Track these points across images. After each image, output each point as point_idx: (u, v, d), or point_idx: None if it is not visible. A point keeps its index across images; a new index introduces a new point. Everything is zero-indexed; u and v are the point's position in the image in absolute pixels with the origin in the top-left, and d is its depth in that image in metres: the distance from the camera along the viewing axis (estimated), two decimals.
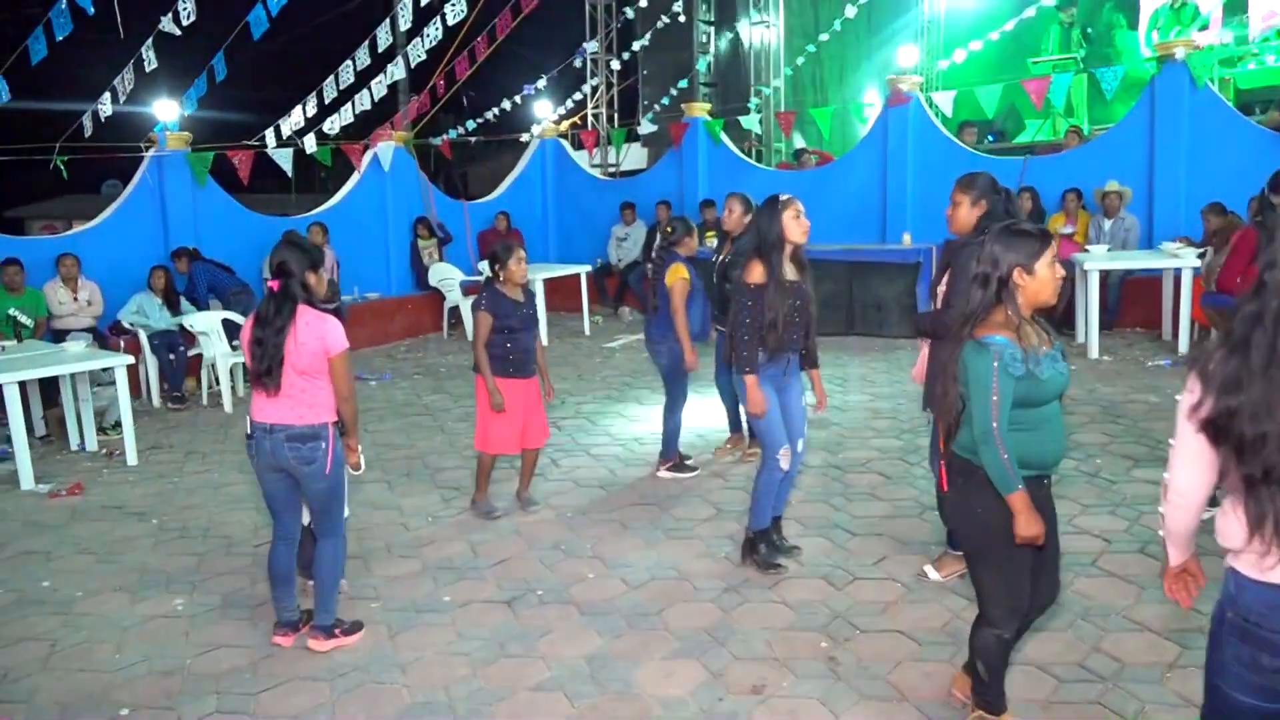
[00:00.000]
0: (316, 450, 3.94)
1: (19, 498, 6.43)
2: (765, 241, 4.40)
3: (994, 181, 4.22)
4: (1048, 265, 2.89)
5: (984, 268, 2.90)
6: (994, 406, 2.81)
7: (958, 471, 3.04)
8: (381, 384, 9.58)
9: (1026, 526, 2.87)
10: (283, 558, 4.18)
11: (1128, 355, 8.89)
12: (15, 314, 8.38)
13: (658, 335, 6.08)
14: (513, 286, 5.37)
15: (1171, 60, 10.06)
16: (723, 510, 5.56)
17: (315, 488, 4.01)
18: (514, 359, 5.37)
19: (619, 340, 11.29)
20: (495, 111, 13.87)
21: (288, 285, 3.91)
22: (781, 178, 13.12)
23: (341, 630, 4.15)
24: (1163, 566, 2.53)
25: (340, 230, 11.22)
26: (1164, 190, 10.21)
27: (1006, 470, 2.84)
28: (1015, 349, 2.83)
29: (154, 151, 10.27)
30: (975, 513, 2.99)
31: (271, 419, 3.95)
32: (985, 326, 2.87)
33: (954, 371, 2.94)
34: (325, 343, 3.90)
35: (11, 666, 4.10)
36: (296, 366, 3.89)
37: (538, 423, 5.57)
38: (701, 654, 3.92)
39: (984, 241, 3.94)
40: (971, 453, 2.94)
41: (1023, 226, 2.96)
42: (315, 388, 3.94)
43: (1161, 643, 3.79)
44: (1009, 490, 2.86)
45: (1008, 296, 2.87)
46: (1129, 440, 6.39)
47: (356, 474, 4.31)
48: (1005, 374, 2.81)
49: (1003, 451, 2.83)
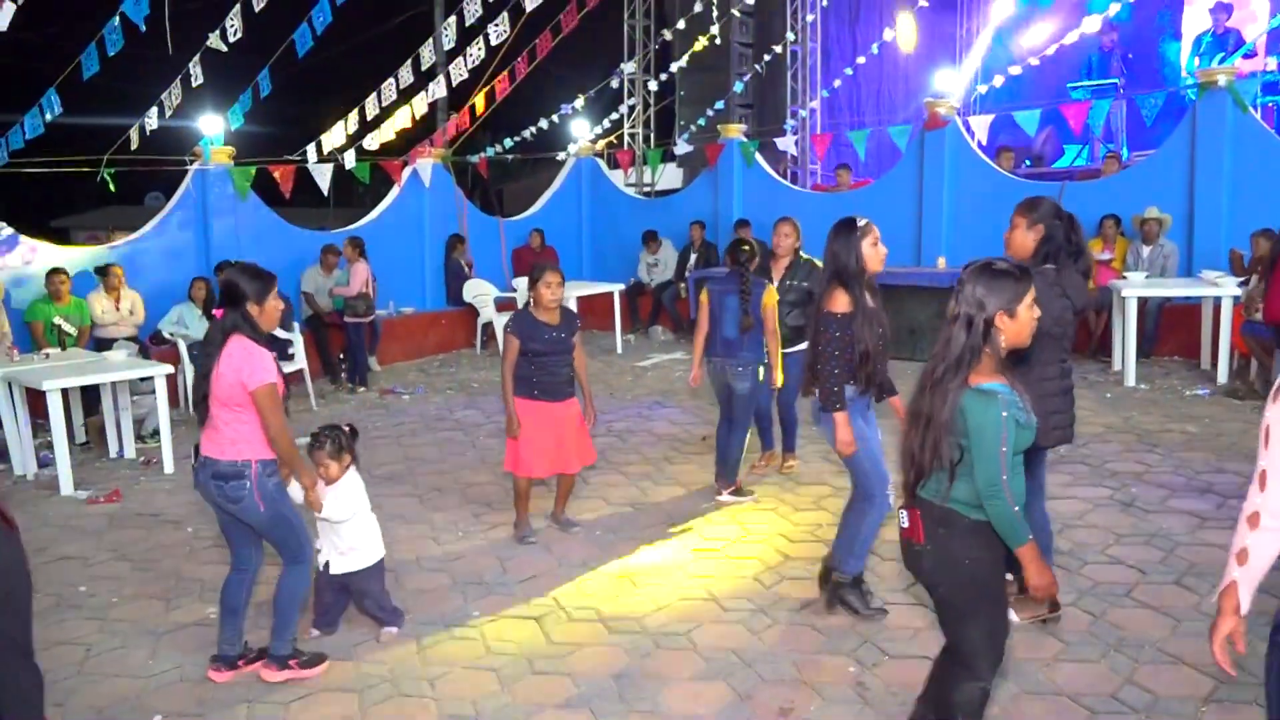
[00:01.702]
0: (240, 489, 3.78)
1: (59, 503, 6.55)
2: (845, 270, 4.23)
3: (1057, 207, 4.13)
4: (1028, 307, 2.81)
5: (967, 310, 2.79)
6: (1003, 458, 2.69)
7: (937, 522, 2.86)
8: (414, 397, 9.66)
9: (1039, 575, 2.79)
10: (234, 588, 4.03)
11: (1165, 384, 8.78)
12: (60, 322, 8.54)
13: (748, 356, 5.89)
14: (543, 310, 5.28)
15: (1214, 87, 9.98)
16: (752, 531, 5.55)
17: (253, 522, 3.88)
18: (538, 382, 5.29)
19: (651, 359, 11.32)
20: (533, 130, 13.99)
21: (226, 315, 3.81)
22: (817, 199, 13.12)
23: (298, 662, 3.98)
24: (1215, 620, 2.31)
25: (377, 245, 11.35)
26: (1204, 217, 10.09)
27: (1017, 523, 2.73)
28: (1015, 395, 2.76)
29: (198, 165, 10.46)
30: (962, 564, 2.83)
31: (205, 450, 3.84)
32: (979, 374, 2.76)
33: (946, 421, 2.76)
34: (243, 375, 3.71)
35: (48, 669, 4.13)
36: (218, 397, 3.76)
37: (575, 447, 5.45)
38: (729, 675, 3.91)
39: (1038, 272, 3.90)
40: (955, 502, 2.81)
41: (1001, 266, 2.83)
42: (239, 421, 3.77)
43: (1197, 677, 3.74)
44: (1019, 542, 2.75)
45: (992, 341, 2.77)
46: (1165, 470, 6.31)
47: (335, 519, 4.25)
48: (1012, 423, 2.71)
49: (1013, 504, 2.72)
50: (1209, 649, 2.34)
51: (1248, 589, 2.23)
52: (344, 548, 4.32)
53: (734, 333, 5.86)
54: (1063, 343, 4.07)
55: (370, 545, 4.39)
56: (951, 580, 2.88)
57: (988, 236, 10.91)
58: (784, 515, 5.80)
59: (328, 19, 9.51)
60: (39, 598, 4.90)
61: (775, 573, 4.94)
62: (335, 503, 4.26)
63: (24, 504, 6.54)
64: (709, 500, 6.13)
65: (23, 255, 9.09)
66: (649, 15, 16.61)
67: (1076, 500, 5.78)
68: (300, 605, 4.08)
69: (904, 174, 12.13)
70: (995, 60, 15.35)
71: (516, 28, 10.05)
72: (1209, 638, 2.34)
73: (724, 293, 5.92)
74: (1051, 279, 3.97)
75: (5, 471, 7.31)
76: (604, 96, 15.44)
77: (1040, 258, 4.04)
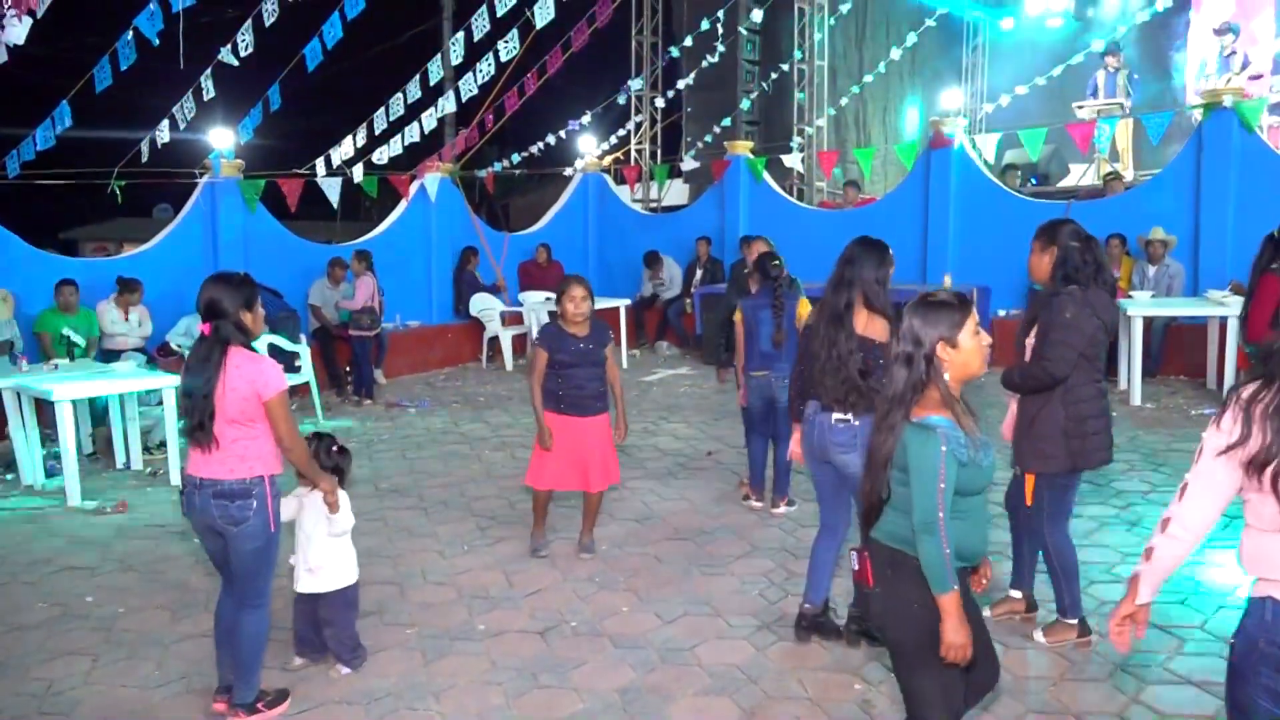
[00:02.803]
0: (246, 509, 3.59)
1: (66, 514, 6.56)
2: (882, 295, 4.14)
3: (1076, 230, 4.08)
4: (971, 334, 2.71)
5: (905, 346, 2.71)
6: (940, 495, 2.60)
7: (885, 563, 2.76)
8: (420, 411, 9.68)
9: (955, 632, 2.61)
10: (226, 611, 3.83)
11: (1171, 403, 8.78)
12: (68, 333, 8.58)
13: (787, 369, 5.78)
14: (570, 323, 5.24)
15: (1219, 107, 10.01)
16: (758, 547, 5.55)
17: (242, 549, 3.65)
18: (564, 395, 5.24)
19: (656, 374, 11.33)
20: (540, 145, 14.05)
21: (218, 328, 3.60)
22: (823, 216, 13.16)
23: (265, 704, 3.80)
24: (1119, 603, 2.51)
25: (384, 259, 11.39)
26: (1210, 237, 10.11)
27: (946, 566, 2.61)
28: (959, 432, 2.65)
29: (208, 178, 10.52)
30: (911, 609, 2.70)
31: (201, 472, 3.62)
32: (922, 407, 2.68)
33: (886, 456, 2.71)
34: (257, 385, 3.55)
35: (54, 680, 4.18)
36: (227, 415, 3.55)
37: (599, 466, 5.33)
38: (734, 691, 3.91)
39: (1065, 294, 3.83)
40: (904, 542, 2.71)
41: (939, 296, 2.75)
42: (249, 437, 3.60)
43: (1201, 696, 3.73)
44: (942, 590, 2.61)
45: (935, 374, 2.69)
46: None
47: (342, 529, 4.08)
48: (952, 459, 2.61)
49: (946, 545, 2.60)
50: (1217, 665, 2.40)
51: (1149, 582, 2.44)
52: (313, 564, 4.09)
53: (770, 346, 5.88)
54: (1096, 363, 4.04)
55: (340, 568, 4.15)
56: (900, 625, 2.75)
57: (993, 255, 10.99)
58: (789, 531, 5.80)
59: (338, 34, 9.58)
60: (46, 608, 4.93)
61: (780, 589, 4.94)
62: (346, 511, 4.10)
63: (31, 515, 6.56)
64: (714, 515, 6.14)
65: None
66: (656, 32, 16.70)
67: (1082, 519, 5.77)
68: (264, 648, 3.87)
69: (910, 192, 12.16)
70: (1001, 79, 15.43)
71: (525, 44, 10.11)
72: (1108, 618, 2.55)
73: (758, 308, 5.94)
74: (1080, 300, 3.94)
75: (13, 481, 7.33)
76: (611, 113, 15.53)
77: (1059, 279, 4.03)
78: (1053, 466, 4.05)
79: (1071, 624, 4.22)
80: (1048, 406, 4.01)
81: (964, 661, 2.65)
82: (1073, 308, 3.93)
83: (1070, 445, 4.00)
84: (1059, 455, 4.02)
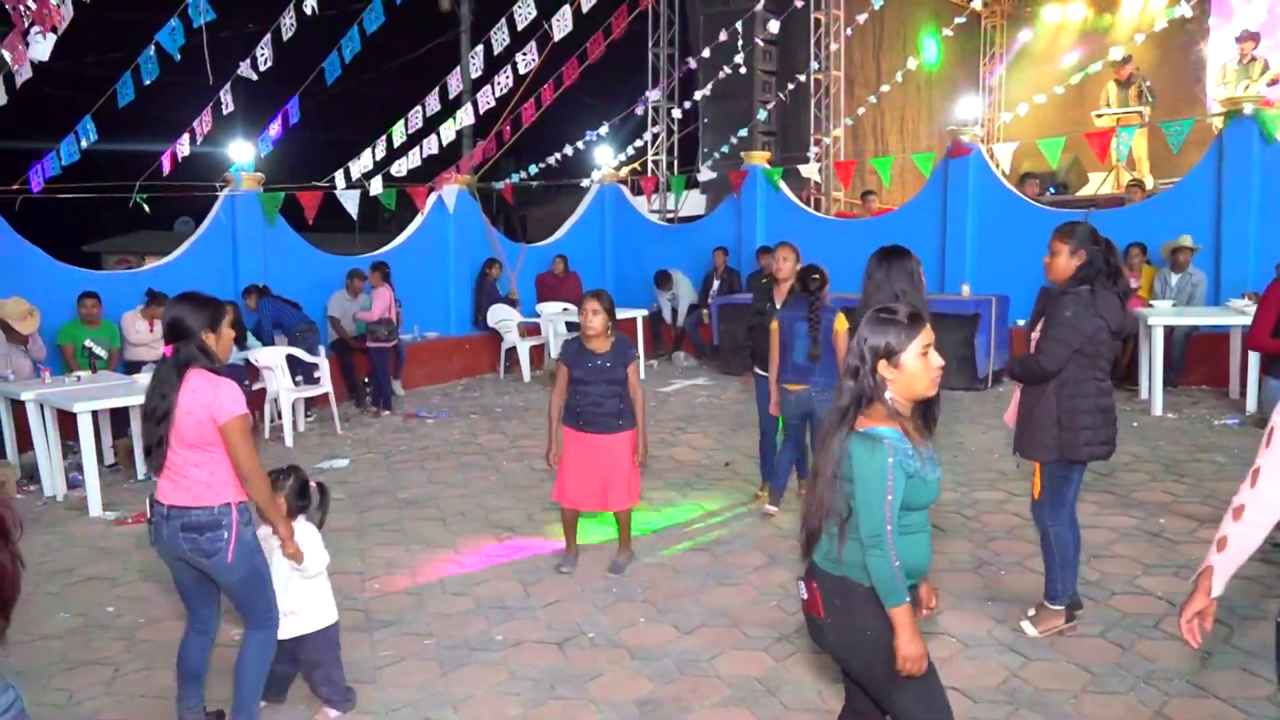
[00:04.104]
0: (216, 540, 3.39)
1: (87, 524, 6.61)
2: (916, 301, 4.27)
3: (1094, 232, 4.23)
4: (917, 355, 2.60)
5: (853, 359, 2.65)
6: (887, 507, 2.51)
7: (834, 591, 2.66)
8: (438, 422, 9.71)
9: (909, 644, 2.55)
10: (194, 651, 3.68)
11: (1193, 413, 8.70)
12: (90, 345, 8.66)
13: (825, 381, 5.85)
14: (589, 337, 5.19)
15: (1239, 115, 9.95)
16: (775, 559, 5.53)
17: (225, 581, 3.48)
18: (580, 411, 5.22)
19: (674, 385, 11.33)
20: (557, 157, 14.10)
21: (178, 349, 3.44)
22: (840, 226, 13.13)
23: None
24: (1186, 600, 2.48)
25: (402, 270, 11.44)
26: (1231, 246, 10.04)
27: (896, 579, 2.53)
28: (906, 443, 2.57)
29: (228, 191, 10.61)
30: (865, 635, 2.62)
31: (168, 499, 3.43)
32: (867, 419, 2.59)
33: (832, 471, 2.61)
34: (211, 409, 3.36)
35: (75, 689, 4.21)
36: (184, 439, 3.37)
37: (618, 485, 5.26)
38: (753, 703, 3.90)
39: (1073, 293, 3.95)
40: (852, 567, 2.61)
41: (892, 311, 2.65)
42: (212, 463, 3.41)
43: (1227, 710, 3.69)
44: (895, 603, 2.55)
45: (878, 390, 2.60)
46: (1193, 500, 6.25)
47: (316, 572, 3.80)
48: (900, 470, 2.52)
49: (894, 558, 2.52)
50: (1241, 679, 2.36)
51: (1222, 575, 2.39)
52: (289, 608, 3.80)
53: (804, 359, 5.88)
54: (1098, 361, 4.18)
55: (320, 608, 3.92)
56: (859, 656, 2.68)
57: (1012, 264, 10.94)
58: None
59: (357, 48, 9.65)
60: (68, 618, 4.96)
61: (798, 600, 4.90)
62: (316, 554, 3.82)
63: (53, 525, 6.62)
64: (732, 526, 6.13)
65: None
66: (673, 44, 16.73)
67: (1103, 530, 5.73)
68: (265, 676, 3.71)
69: (928, 201, 12.13)
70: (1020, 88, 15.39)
71: (543, 56, 10.15)
72: (1179, 613, 2.51)
73: (794, 319, 5.94)
74: (1086, 300, 4.10)
75: (35, 492, 7.40)
76: (628, 124, 15.56)
77: (1077, 281, 4.16)
78: (1044, 455, 4.23)
79: (1058, 610, 4.35)
80: (1044, 398, 4.19)
81: (920, 672, 2.58)
82: (1074, 307, 4.09)
83: (1061, 437, 4.17)
84: (1050, 445, 4.20)
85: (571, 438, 5.27)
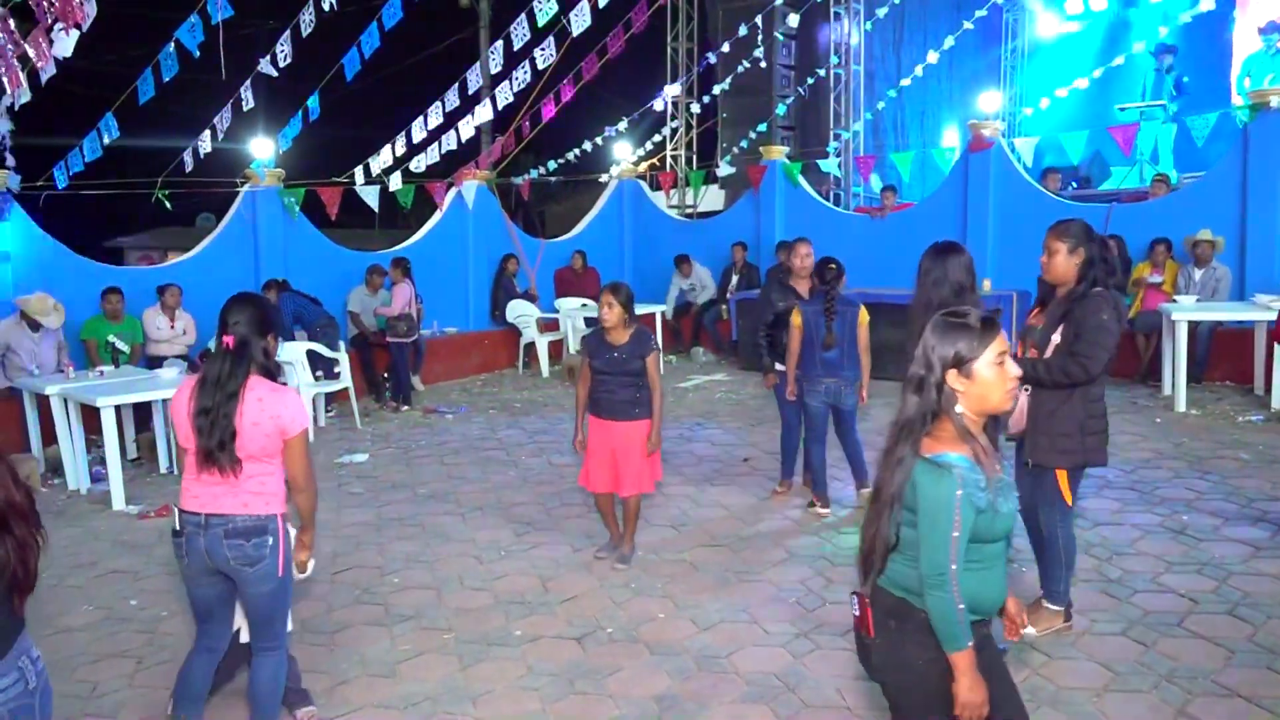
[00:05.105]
0: (263, 547, 3.26)
1: (110, 518, 6.67)
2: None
3: (1089, 228, 4.19)
4: (991, 364, 2.39)
5: (917, 368, 2.43)
6: (953, 544, 2.31)
7: (889, 613, 2.48)
8: (457, 417, 9.73)
9: (970, 691, 2.35)
10: (201, 670, 3.50)
11: (1217, 409, 8.62)
12: (113, 340, 8.73)
13: (851, 375, 6.08)
14: (607, 330, 5.33)
15: (1266, 108, 9.83)
16: (795, 554, 5.52)
17: (258, 592, 3.30)
18: (598, 399, 5.39)
19: (692, 380, 11.32)
20: (576, 152, 14.10)
21: (246, 344, 3.30)
22: (860, 221, 13.08)
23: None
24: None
25: (422, 265, 11.48)
26: (1257, 240, 9.93)
27: (958, 622, 2.34)
28: (978, 474, 2.34)
29: (249, 187, 10.67)
30: (915, 665, 2.44)
31: (207, 508, 3.26)
32: (935, 441, 2.37)
33: (892, 494, 2.41)
34: (281, 422, 3.26)
35: (99, 682, 4.24)
36: (245, 450, 3.23)
37: (630, 471, 5.36)
38: (772, 699, 3.89)
39: (1098, 295, 3.87)
40: (909, 591, 2.44)
41: (962, 314, 2.44)
42: (264, 473, 3.30)
43: (1251, 709, 3.65)
44: (956, 648, 2.35)
45: (947, 404, 2.39)
46: (1217, 497, 6.19)
47: (301, 576, 3.59)
48: (968, 504, 2.31)
49: (958, 599, 2.33)
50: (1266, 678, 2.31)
51: None
52: None
53: (834, 352, 5.99)
54: (1111, 364, 4.14)
55: None
56: (902, 683, 2.50)
57: (1033, 259, 10.78)
58: (827, 538, 5.77)
59: (376, 44, 9.67)
60: (91, 610, 5.01)
61: (818, 596, 4.91)
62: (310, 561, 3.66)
63: (77, 518, 6.68)
64: (751, 522, 6.11)
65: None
66: (692, 38, 16.71)
67: (1126, 527, 5.69)
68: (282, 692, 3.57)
69: (948, 196, 12.06)
70: (1041, 81, 15.27)
71: (561, 51, 10.14)
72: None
73: (817, 312, 6.02)
74: (1112, 302, 4.05)
75: (59, 486, 7.47)
76: (647, 119, 15.53)
77: (1088, 282, 4.09)
78: (1067, 461, 4.16)
79: (1057, 610, 4.33)
80: (1069, 403, 4.10)
81: (981, 712, 2.39)
82: (1108, 310, 4.03)
83: (1086, 442, 4.12)
84: (1076, 451, 4.13)
85: (593, 424, 5.44)
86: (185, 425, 3.28)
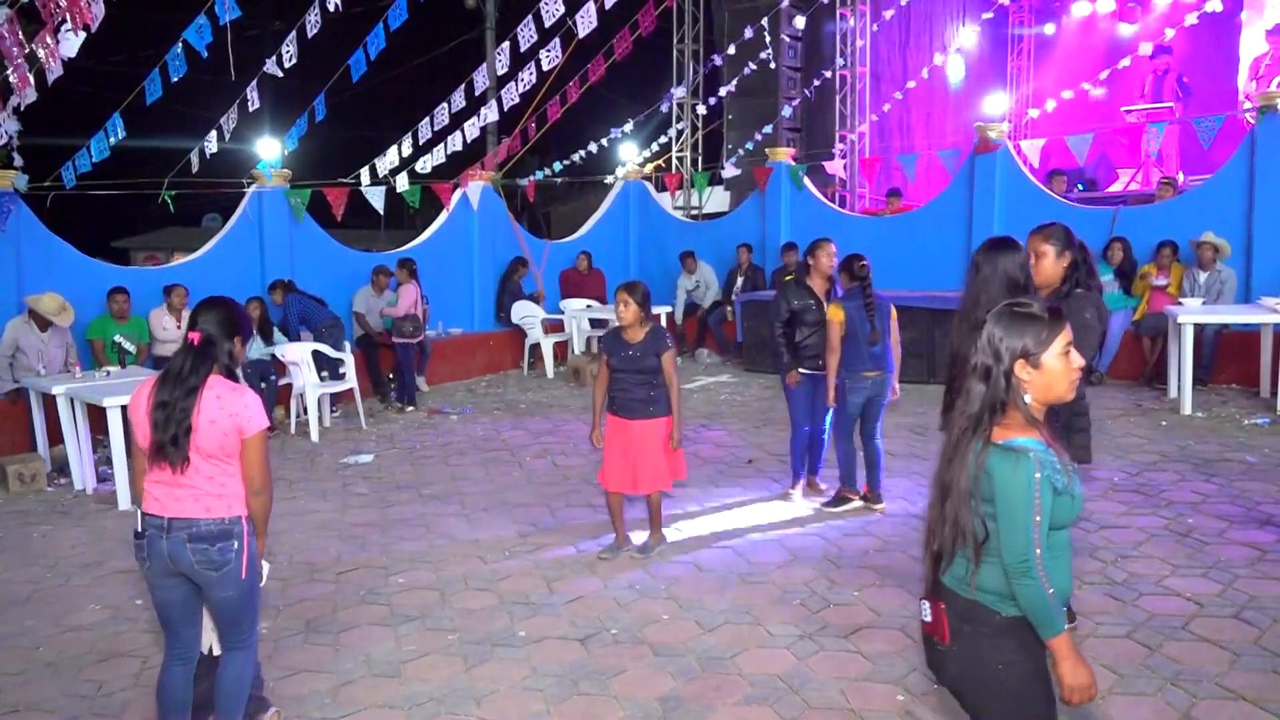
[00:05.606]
0: (228, 551, 3.23)
1: (117, 517, 6.69)
2: None
3: (1070, 231, 4.21)
4: (1059, 355, 2.39)
5: (984, 358, 2.41)
6: (1035, 529, 2.28)
7: (964, 617, 2.42)
8: (462, 418, 9.74)
9: (1074, 674, 2.33)
10: (177, 682, 3.42)
11: (1223, 412, 8.60)
12: (120, 340, 8.76)
13: (891, 367, 6.20)
14: (622, 328, 5.44)
15: (1273, 110, 9.81)
16: (798, 557, 5.51)
17: (222, 596, 3.28)
18: (614, 397, 5.49)
19: (697, 381, 11.32)
20: (581, 153, 14.11)
21: (211, 343, 3.29)
22: (865, 223, 13.08)
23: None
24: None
25: (427, 266, 11.51)
26: (1263, 243, 9.91)
27: (1052, 608, 2.31)
28: (1052, 454, 2.34)
29: (255, 187, 10.69)
30: (994, 670, 2.39)
31: (169, 512, 3.23)
32: (1004, 429, 2.37)
33: (968, 488, 2.37)
34: (240, 420, 3.24)
35: (105, 681, 4.26)
36: (202, 449, 3.21)
37: (646, 469, 5.42)
38: (776, 701, 3.89)
39: (1083, 295, 3.91)
40: (990, 594, 2.39)
41: (1028, 306, 2.45)
42: (225, 474, 3.27)
43: (1257, 713, 3.64)
44: (1053, 632, 2.32)
45: (1014, 394, 2.38)
46: (1223, 500, 6.18)
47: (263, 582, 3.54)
48: (1047, 486, 2.29)
49: (1047, 585, 2.30)
50: (1271, 681, 2.31)
51: None
52: None
53: (879, 346, 6.08)
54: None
55: None
56: (980, 689, 2.44)
57: None
58: (831, 540, 5.76)
59: (382, 45, 9.69)
60: (97, 610, 5.02)
61: (822, 598, 4.91)
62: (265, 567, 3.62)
63: (83, 518, 6.70)
64: (755, 523, 6.11)
65: None
66: (698, 40, 16.71)
67: (1132, 530, 5.68)
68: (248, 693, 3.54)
69: (954, 198, 12.05)
70: (1046, 84, 15.25)
71: (568, 52, 10.16)
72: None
73: (859, 308, 6.08)
74: (1095, 303, 4.08)
75: (66, 485, 7.49)
76: (652, 120, 15.56)
77: (1071, 284, 4.12)
78: None
79: None
80: None
81: (1091, 700, 2.38)
82: (1090, 310, 4.05)
83: (1073, 440, 4.14)
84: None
85: (610, 423, 5.51)
86: (143, 422, 3.26)
